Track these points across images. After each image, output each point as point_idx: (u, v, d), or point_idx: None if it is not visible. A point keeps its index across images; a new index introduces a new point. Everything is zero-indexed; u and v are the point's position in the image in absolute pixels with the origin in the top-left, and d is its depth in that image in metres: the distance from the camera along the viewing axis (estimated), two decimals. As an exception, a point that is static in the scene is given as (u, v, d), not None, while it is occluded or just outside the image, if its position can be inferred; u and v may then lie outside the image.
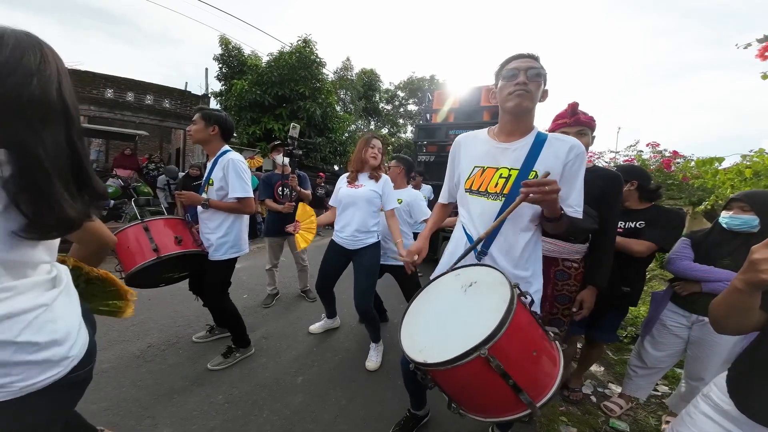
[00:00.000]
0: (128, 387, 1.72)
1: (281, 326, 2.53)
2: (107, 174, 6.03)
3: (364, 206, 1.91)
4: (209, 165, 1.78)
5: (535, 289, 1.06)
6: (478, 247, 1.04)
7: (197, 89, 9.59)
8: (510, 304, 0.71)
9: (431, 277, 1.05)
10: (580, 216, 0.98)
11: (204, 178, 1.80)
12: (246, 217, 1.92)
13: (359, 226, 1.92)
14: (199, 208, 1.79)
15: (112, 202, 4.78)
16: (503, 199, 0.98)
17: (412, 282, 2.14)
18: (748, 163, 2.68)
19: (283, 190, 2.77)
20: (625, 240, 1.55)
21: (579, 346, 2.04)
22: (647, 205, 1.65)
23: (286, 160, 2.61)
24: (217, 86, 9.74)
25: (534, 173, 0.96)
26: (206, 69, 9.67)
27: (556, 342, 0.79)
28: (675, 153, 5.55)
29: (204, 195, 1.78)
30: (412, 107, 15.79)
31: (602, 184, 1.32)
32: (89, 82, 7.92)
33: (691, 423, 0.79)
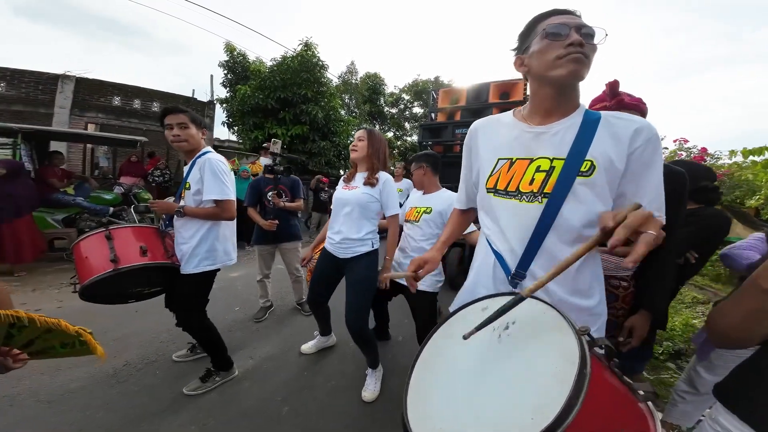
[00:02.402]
0: (95, 410, 1.56)
1: (271, 344, 2.29)
2: (112, 181, 6.01)
3: (356, 211, 1.66)
4: (186, 168, 1.63)
5: (602, 323, 0.77)
6: (513, 269, 0.76)
7: (204, 96, 9.68)
8: (581, 369, 0.44)
9: (451, 309, 0.78)
10: (662, 223, 0.68)
11: (181, 183, 1.64)
12: (226, 224, 1.71)
13: (349, 233, 1.67)
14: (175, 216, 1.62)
15: (112, 209, 4.69)
16: (545, 200, 0.71)
17: (425, 308, 1.76)
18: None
19: (267, 194, 2.56)
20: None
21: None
22: (694, 207, 1.38)
23: (268, 160, 2.44)
24: (222, 93, 9.78)
25: (589, 163, 0.68)
26: (211, 76, 9.75)
27: (649, 404, 0.51)
28: (704, 150, 5.16)
29: (182, 201, 1.62)
30: (417, 110, 15.60)
31: (666, 184, 1.04)
32: (97, 90, 8.05)
33: None
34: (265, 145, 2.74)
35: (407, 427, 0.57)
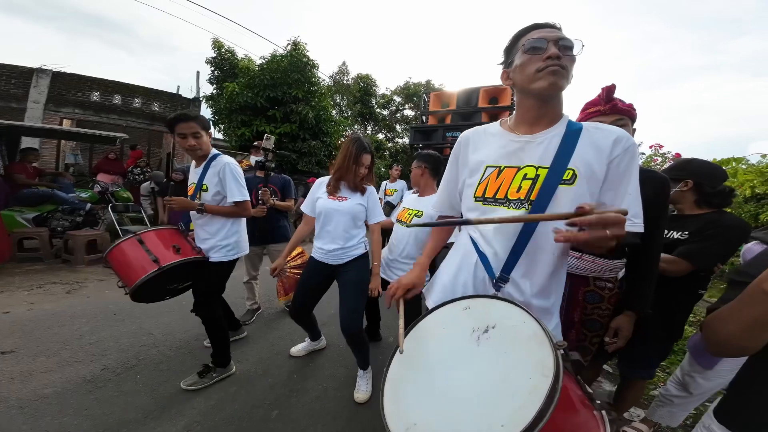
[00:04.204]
0: (71, 417, 1.49)
1: (258, 347, 2.23)
2: (88, 179, 5.73)
3: (348, 221, 1.66)
4: (199, 170, 1.72)
5: (555, 323, 0.81)
6: (497, 273, 0.78)
7: (189, 93, 9.41)
8: (554, 384, 0.46)
9: (429, 304, 0.79)
10: (641, 229, 0.72)
11: (196, 184, 1.72)
12: (243, 219, 1.90)
13: (344, 242, 1.67)
14: (194, 213, 1.73)
15: (89, 205, 4.46)
16: (530, 206, 0.74)
17: (412, 308, 1.79)
18: (766, 162, 2.52)
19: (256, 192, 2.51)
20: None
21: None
22: (705, 211, 1.33)
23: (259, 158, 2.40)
24: (209, 89, 9.54)
25: (571, 172, 0.72)
26: (197, 72, 9.49)
27: (603, 412, 0.55)
28: (677, 156, 5.43)
29: (197, 200, 1.72)
30: (408, 112, 15.72)
31: (649, 188, 1.01)
32: (74, 84, 7.69)
33: None
34: (256, 143, 2.67)
35: (383, 417, 0.59)
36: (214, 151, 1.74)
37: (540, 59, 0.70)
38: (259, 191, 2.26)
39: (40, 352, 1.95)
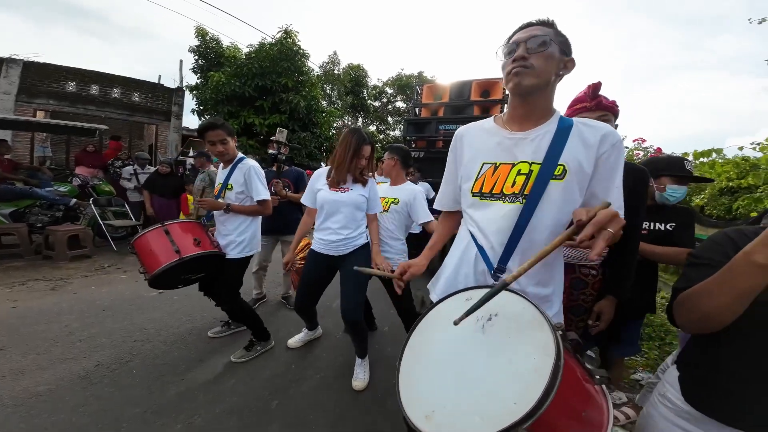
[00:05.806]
0: (68, 413, 1.48)
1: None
2: (64, 172, 5.46)
3: (351, 212, 1.68)
4: (226, 171, 1.86)
5: (556, 310, 0.85)
6: (495, 264, 0.82)
7: (172, 83, 9.05)
8: (557, 361, 0.50)
9: (433, 298, 0.83)
10: (623, 222, 0.79)
11: (222, 183, 1.87)
12: (260, 218, 2.00)
13: (348, 233, 1.69)
14: (218, 212, 1.86)
15: (74, 200, 4.27)
16: (524, 200, 0.77)
17: (406, 301, 1.87)
18: (742, 154, 2.64)
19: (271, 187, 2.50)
20: (669, 250, 1.32)
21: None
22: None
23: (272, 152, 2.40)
24: (192, 79, 9.19)
25: (561, 167, 0.75)
26: (180, 61, 9.13)
27: (603, 386, 0.58)
28: (659, 150, 5.62)
29: (220, 199, 1.87)
30: (400, 104, 15.59)
31: (630, 180, 1.04)
32: (49, 74, 7.29)
33: (653, 426, 0.74)
34: (273, 138, 2.64)
35: (401, 407, 0.61)
36: (240, 154, 1.89)
37: (510, 62, 0.76)
38: (272, 187, 2.25)
39: (29, 350, 1.91)
